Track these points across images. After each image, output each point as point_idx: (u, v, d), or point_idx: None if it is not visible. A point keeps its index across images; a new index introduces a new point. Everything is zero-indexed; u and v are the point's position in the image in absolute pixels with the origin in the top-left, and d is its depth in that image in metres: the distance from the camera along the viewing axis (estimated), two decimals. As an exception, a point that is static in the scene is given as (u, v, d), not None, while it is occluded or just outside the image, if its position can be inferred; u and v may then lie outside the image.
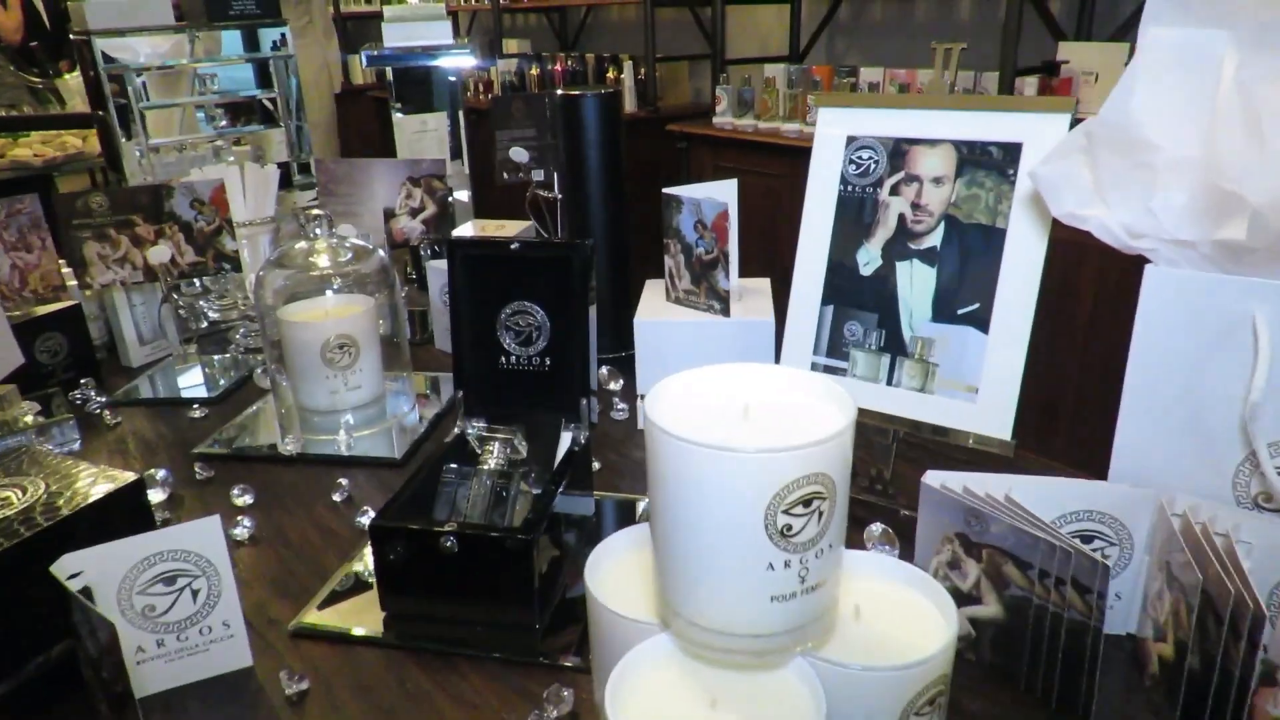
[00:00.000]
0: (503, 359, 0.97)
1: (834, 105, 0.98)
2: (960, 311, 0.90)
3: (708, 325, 1.14)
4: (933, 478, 0.78)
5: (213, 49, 1.75)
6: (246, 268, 1.48)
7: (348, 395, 1.21)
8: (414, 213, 1.54)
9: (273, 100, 1.68)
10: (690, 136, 3.41)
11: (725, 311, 1.13)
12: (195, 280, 1.56)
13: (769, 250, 3.14)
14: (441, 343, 1.49)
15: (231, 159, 1.62)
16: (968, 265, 0.89)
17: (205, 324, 1.59)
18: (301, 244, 1.20)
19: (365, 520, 1.00)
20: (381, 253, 1.25)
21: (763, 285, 1.26)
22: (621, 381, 1.30)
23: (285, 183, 1.74)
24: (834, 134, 0.98)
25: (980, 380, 0.89)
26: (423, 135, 1.87)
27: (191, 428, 1.26)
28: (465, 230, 1.68)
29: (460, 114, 1.79)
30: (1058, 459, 1.08)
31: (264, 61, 1.72)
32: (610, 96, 1.30)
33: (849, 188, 0.96)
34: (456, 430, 0.98)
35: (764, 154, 3.12)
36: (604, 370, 1.30)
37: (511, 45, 4.73)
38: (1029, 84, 2.53)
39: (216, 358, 1.47)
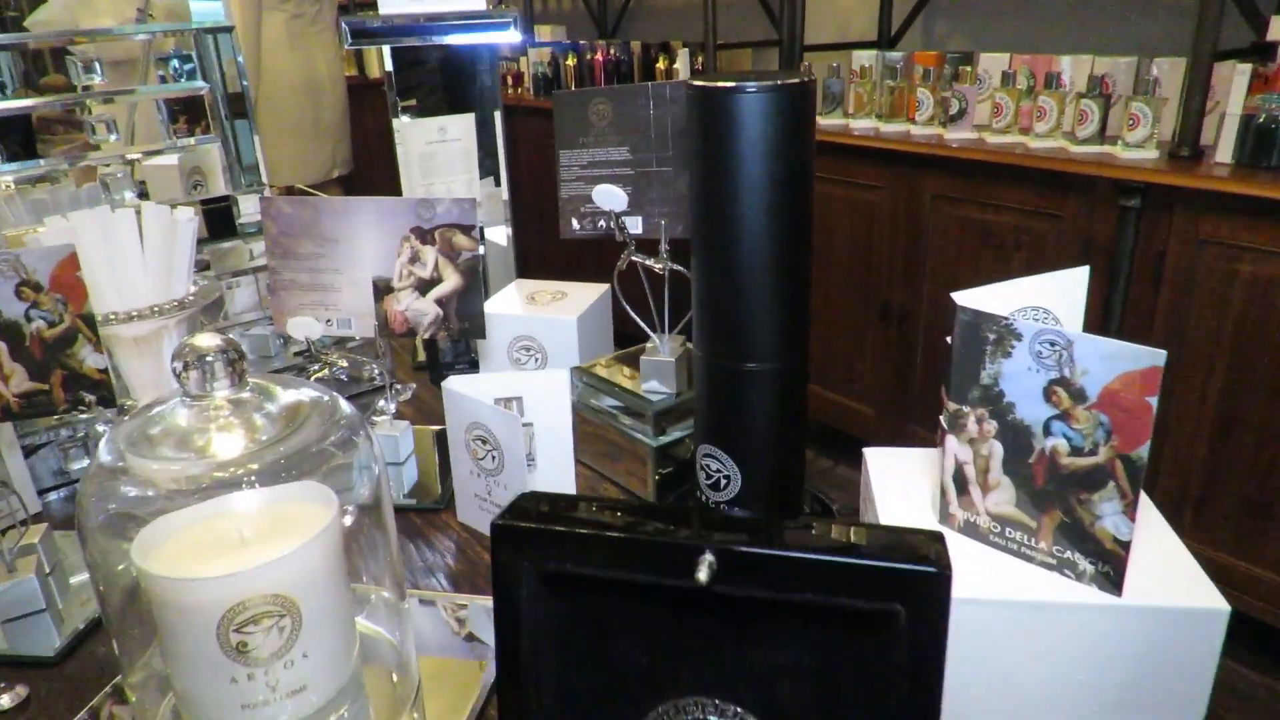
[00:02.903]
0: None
1: None
2: None
3: (1067, 614, 0.48)
4: None
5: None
6: (135, 393, 0.85)
7: (280, 707, 0.57)
8: (423, 286, 0.89)
9: (199, 98, 1.04)
10: (762, 138, 2.74)
11: (1114, 585, 0.48)
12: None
13: (862, 285, 2.48)
14: (467, 515, 0.85)
15: (130, 195, 0.97)
16: None
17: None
18: (177, 409, 0.56)
19: None
20: (346, 404, 0.61)
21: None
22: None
23: (227, 228, 1.10)
24: None
25: None
26: (440, 148, 1.22)
27: (-15, 744, 0.63)
28: (508, 299, 1.04)
29: (498, 115, 1.14)
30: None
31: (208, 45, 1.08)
32: (796, 92, 0.65)
33: None
34: None
35: (858, 161, 2.46)
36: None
37: (543, 32, 4.06)
38: (1239, 73, 1.85)
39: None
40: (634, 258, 0.83)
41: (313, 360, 1.07)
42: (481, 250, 0.91)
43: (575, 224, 0.89)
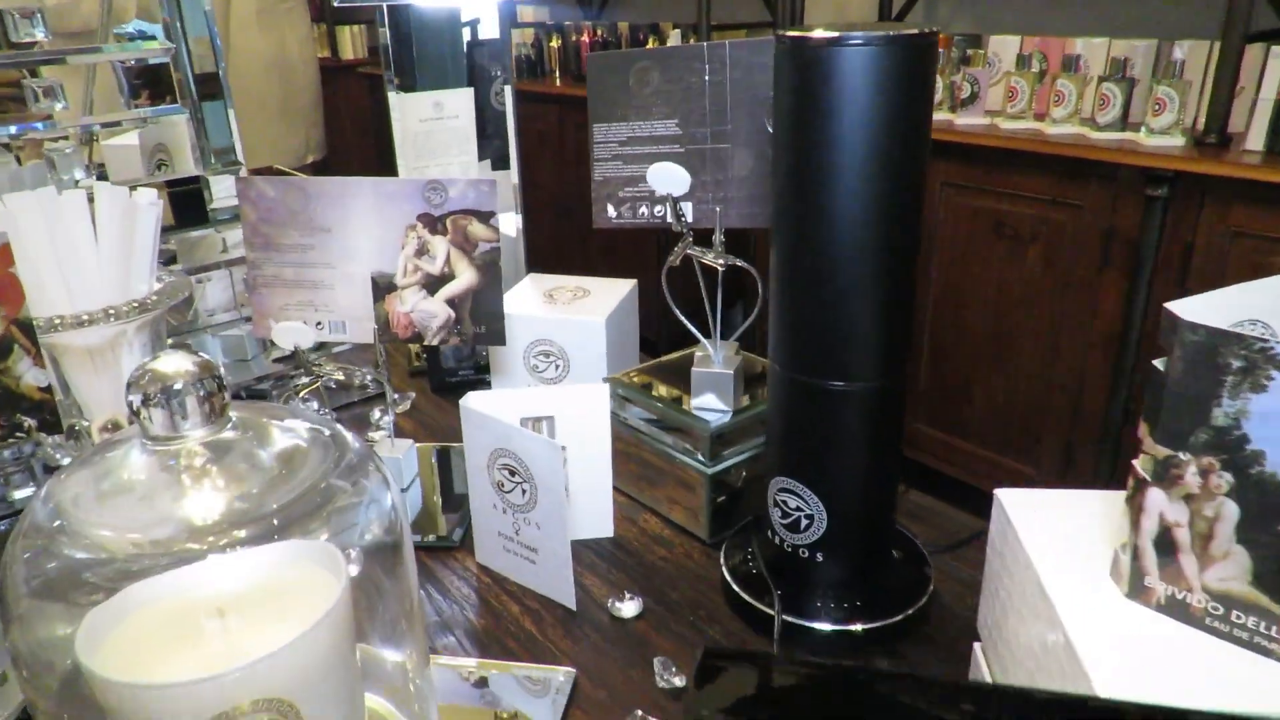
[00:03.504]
0: None
1: None
2: None
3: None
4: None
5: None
6: (89, 413, 0.70)
7: (275, 839, 0.43)
8: (432, 284, 0.75)
9: (161, 65, 0.89)
10: (759, 123, 2.61)
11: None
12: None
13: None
14: (488, 556, 0.71)
15: (81, 174, 0.83)
16: None
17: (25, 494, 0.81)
18: (135, 454, 0.42)
19: None
20: (352, 438, 0.47)
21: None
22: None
23: (197, 214, 0.95)
24: None
25: None
26: (435, 125, 1.08)
27: None
28: (523, 297, 0.90)
29: (509, 90, 1.00)
30: None
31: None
32: (919, 46, 0.52)
33: None
34: None
35: (862, 146, 2.34)
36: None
37: (526, 13, 3.89)
38: (1274, 56, 1.74)
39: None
40: (689, 251, 0.70)
41: (298, 367, 0.93)
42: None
43: (612, 211, 0.76)
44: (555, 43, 3.45)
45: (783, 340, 0.59)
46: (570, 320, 0.86)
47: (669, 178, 0.67)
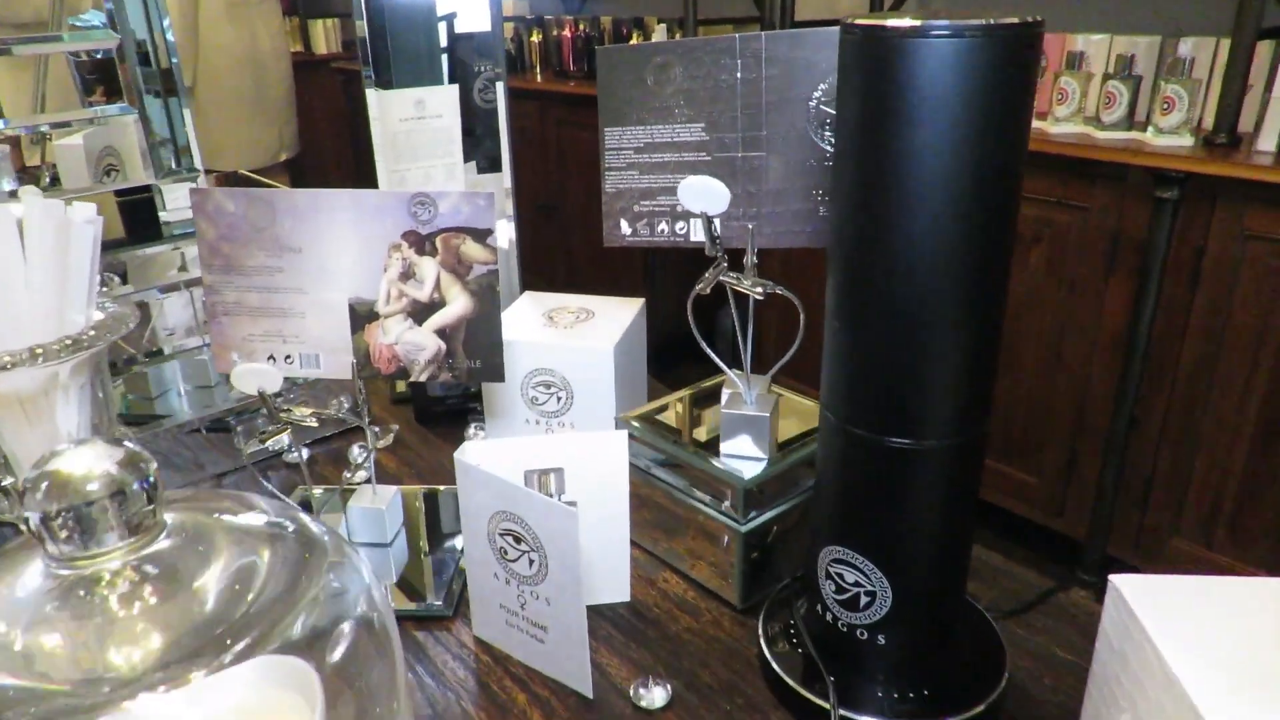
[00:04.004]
0: None
1: None
2: None
3: None
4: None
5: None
6: (19, 467, 0.59)
7: None
8: (420, 312, 0.65)
9: (107, 55, 0.78)
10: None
11: None
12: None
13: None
14: (487, 630, 0.61)
15: (10, 184, 0.71)
16: None
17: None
18: (35, 576, 0.31)
19: None
20: (321, 531, 0.37)
21: None
22: None
23: (152, 227, 0.84)
24: None
25: None
26: (416, 125, 0.98)
27: None
28: (521, 320, 0.80)
29: (500, 87, 0.90)
30: None
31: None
32: (1022, 38, 0.42)
33: None
34: None
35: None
36: None
37: (506, 7, 3.77)
38: (1288, 52, 1.67)
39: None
40: (722, 278, 0.60)
41: (263, 406, 0.82)
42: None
43: (625, 228, 0.66)
44: (536, 37, 3.34)
45: (841, 387, 0.49)
46: (574, 347, 0.76)
47: (704, 193, 0.57)
